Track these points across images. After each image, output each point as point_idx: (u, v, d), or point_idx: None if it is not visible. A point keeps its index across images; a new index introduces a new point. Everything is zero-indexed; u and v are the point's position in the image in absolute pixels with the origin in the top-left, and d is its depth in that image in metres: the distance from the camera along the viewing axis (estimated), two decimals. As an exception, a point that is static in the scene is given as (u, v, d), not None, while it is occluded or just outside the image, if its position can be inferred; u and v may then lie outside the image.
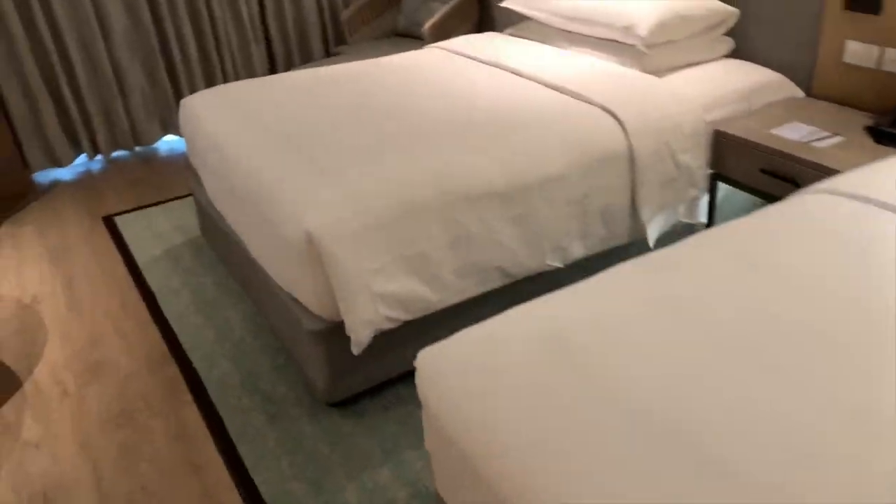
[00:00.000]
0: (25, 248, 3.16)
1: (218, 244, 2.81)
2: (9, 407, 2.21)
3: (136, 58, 3.89)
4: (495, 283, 2.01)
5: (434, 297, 1.90)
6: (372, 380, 2.05)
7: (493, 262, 1.97)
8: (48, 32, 3.62)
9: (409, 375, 2.14)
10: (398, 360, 2.06)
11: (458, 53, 3.02)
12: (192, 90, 4.14)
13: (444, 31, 3.88)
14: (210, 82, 4.20)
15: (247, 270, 2.42)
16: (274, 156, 2.10)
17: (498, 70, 2.70)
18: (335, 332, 1.90)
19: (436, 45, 3.25)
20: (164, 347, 2.44)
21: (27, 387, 2.30)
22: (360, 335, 1.80)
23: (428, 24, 3.81)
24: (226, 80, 4.23)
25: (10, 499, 1.89)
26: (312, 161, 2.00)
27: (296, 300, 1.97)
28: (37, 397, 2.25)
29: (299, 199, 1.85)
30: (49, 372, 2.36)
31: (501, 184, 1.95)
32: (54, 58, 3.67)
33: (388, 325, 1.85)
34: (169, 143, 4.28)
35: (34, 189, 3.77)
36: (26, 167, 3.79)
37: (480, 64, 2.81)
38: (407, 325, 1.93)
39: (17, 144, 3.74)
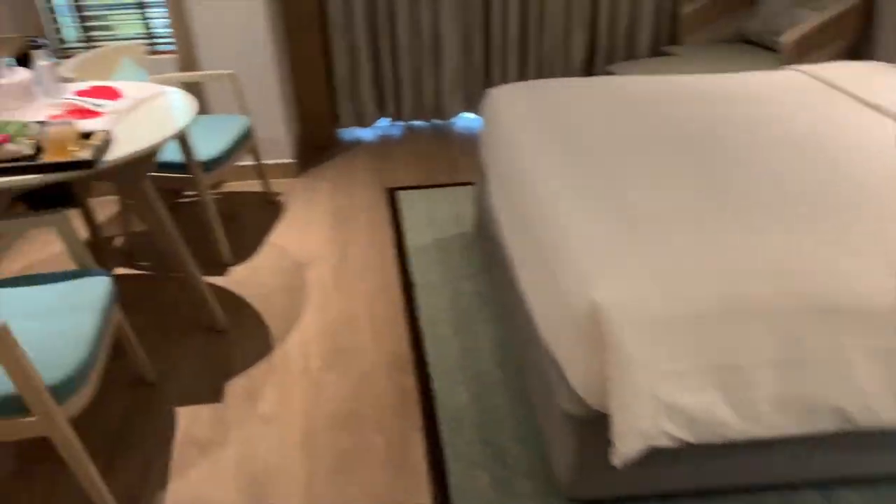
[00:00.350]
0: (317, 203, 3.25)
1: (488, 250, 2.58)
2: (257, 370, 2.22)
3: (456, 29, 3.79)
4: (825, 426, 1.46)
5: (736, 425, 1.42)
6: (625, 489, 1.65)
7: (831, 400, 1.42)
8: (383, -6, 3.66)
9: (671, 497, 1.70)
10: (662, 477, 1.63)
11: (831, 86, 2.37)
12: (504, 70, 3.95)
13: (807, 48, 3.17)
14: (523, 64, 3.97)
15: (511, 297, 2.14)
16: (574, 188, 1.74)
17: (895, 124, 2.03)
18: (596, 422, 1.52)
19: (799, 67, 2.61)
20: (408, 350, 2.28)
21: (277, 352, 2.29)
22: (628, 447, 1.40)
23: (789, 36, 3.13)
24: (540, 65, 3.97)
25: (230, 470, 1.86)
26: (621, 208, 1.61)
27: (559, 367, 1.62)
28: (282, 367, 2.23)
29: (594, 256, 1.48)
30: (299, 343, 2.33)
31: (878, 300, 1.38)
32: (382, 18, 3.71)
33: (664, 443, 1.42)
34: (466, 120, 4.17)
35: (338, 145, 3.90)
36: (335, 122, 3.94)
37: (866, 109, 2.15)
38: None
39: (332, 100, 3.89)
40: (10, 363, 1.40)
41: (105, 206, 3.28)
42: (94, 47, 3.12)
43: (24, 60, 2.84)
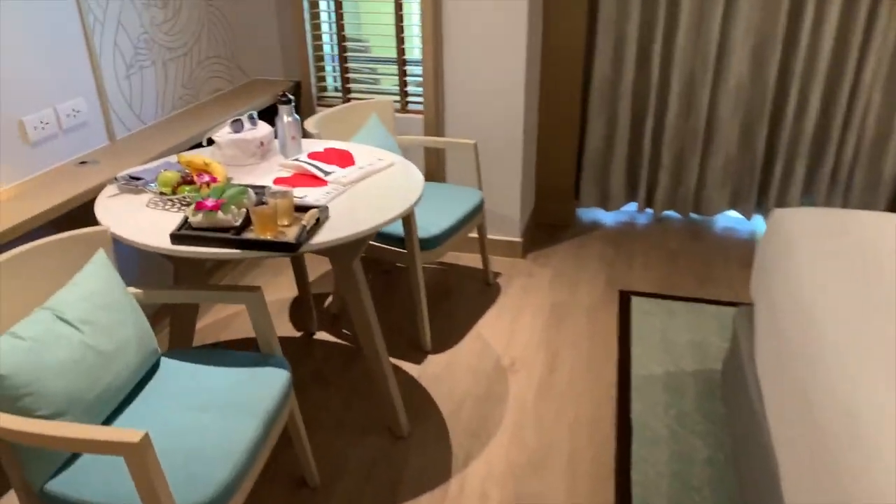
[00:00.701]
0: (536, 292, 2.90)
1: (737, 406, 2.02)
2: (427, 499, 1.90)
3: (736, 116, 3.23)
4: None
5: None
6: None
7: None
8: (658, 67, 3.22)
9: None
10: None
11: None
12: (787, 171, 3.30)
13: None
14: (813, 167, 3.28)
15: (765, 495, 1.58)
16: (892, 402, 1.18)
17: None
18: None
19: None
20: (608, 524, 1.82)
21: (454, 482, 1.96)
22: None
23: None
24: (835, 173, 3.25)
25: None
26: None
27: None
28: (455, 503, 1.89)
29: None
30: (480, 476, 1.97)
31: None
32: (653, 92, 3.28)
33: None
34: (730, 219, 3.56)
35: (573, 226, 3.53)
36: (575, 200, 3.58)
37: None
38: None
39: (577, 175, 3.53)
40: (142, 482, 1.22)
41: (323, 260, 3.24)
42: (351, 99, 3.10)
43: (269, 112, 2.88)
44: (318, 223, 1.72)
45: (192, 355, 1.73)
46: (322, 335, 2.62)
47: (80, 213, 2.06)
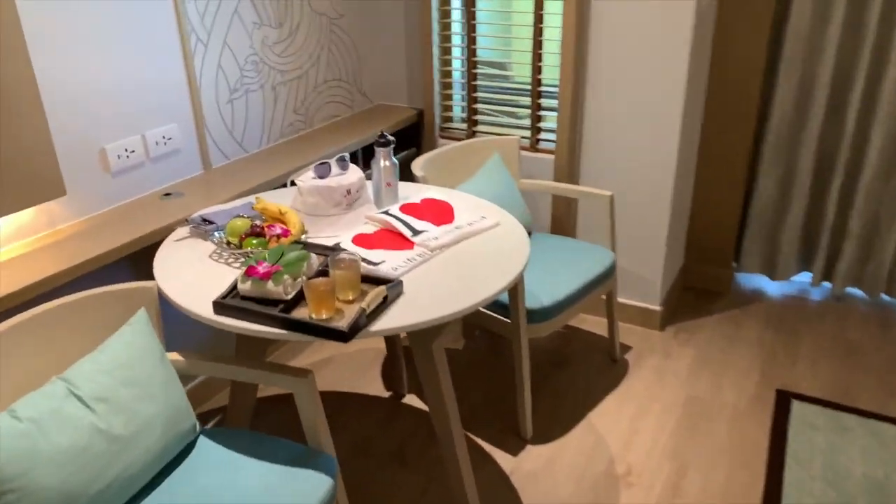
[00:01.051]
0: (670, 379, 2.41)
1: None
2: None
3: (961, 182, 2.54)
4: None
5: None
6: None
7: None
8: (854, 114, 2.60)
9: None
10: None
11: None
12: None
13: None
14: None
15: None
16: None
17: None
18: None
19: None
20: None
21: None
22: None
23: None
24: None
25: None
26: None
27: None
28: None
29: None
30: None
31: None
32: (843, 148, 2.66)
33: None
34: (937, 308, 2.84)
35: (728, 295, 2.96)
36: (733, 264, 3.01)
37: None
38: None
39: (739, 235, 2.97)
40: None
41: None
42: (476, 132, 2.77)
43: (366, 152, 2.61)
44: (386, 301, 1.42)
45: (233, 438, 1.49)
46: (411, 399, 2.32)
47: (148, 255, 1.90)
